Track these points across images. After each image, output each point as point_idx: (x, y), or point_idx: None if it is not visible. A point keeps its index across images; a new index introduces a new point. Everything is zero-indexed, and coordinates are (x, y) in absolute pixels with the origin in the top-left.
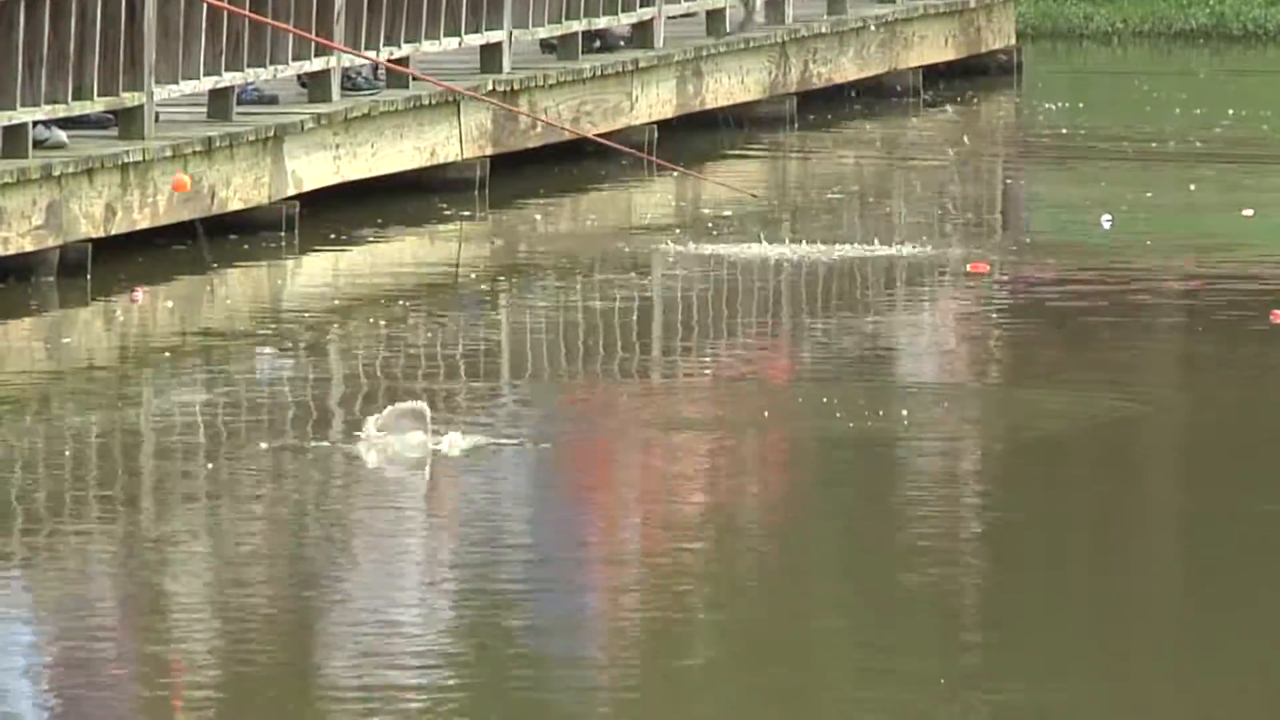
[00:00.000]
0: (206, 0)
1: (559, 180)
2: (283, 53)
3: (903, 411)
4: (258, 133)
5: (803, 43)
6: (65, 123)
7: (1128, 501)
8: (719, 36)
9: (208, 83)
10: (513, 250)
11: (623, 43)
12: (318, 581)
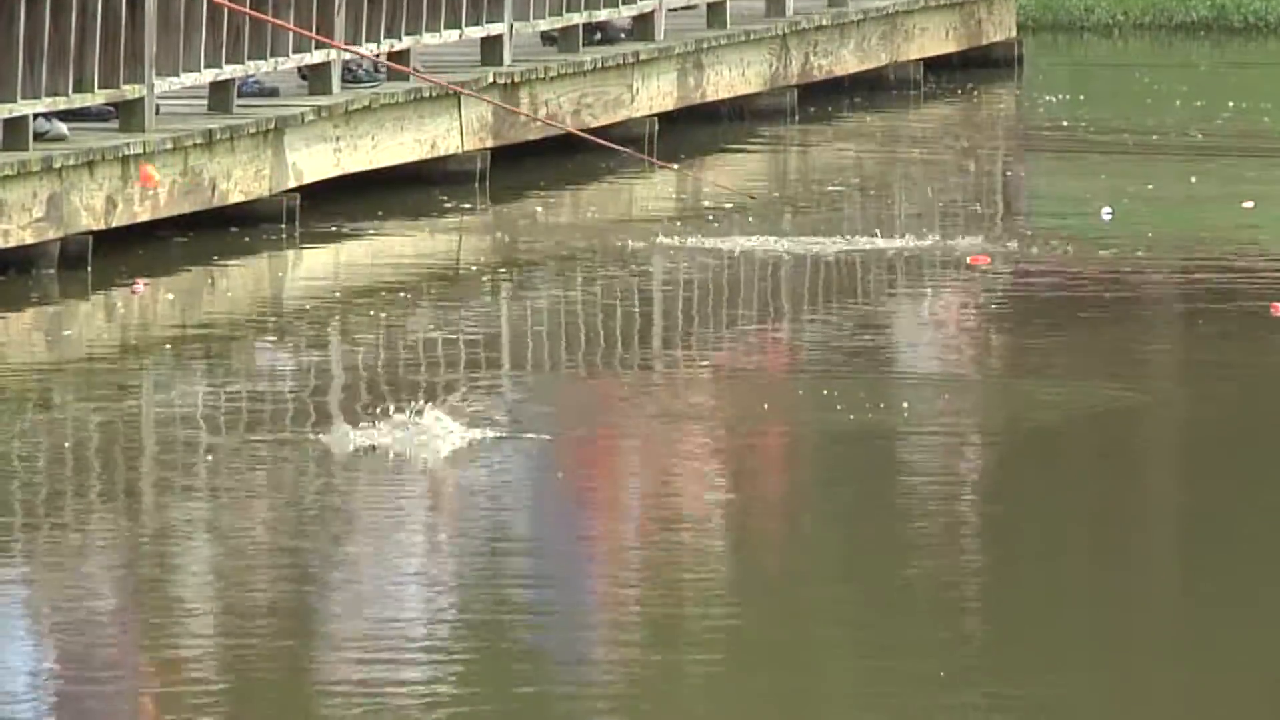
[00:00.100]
0: None
1: (559, 172)
2: (283, 45)
3: (903, 404)
4: (258, 125)
5: (803, 35)
6: (66, 115)
7: (1127, 494)
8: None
9: (208, 75)
10: (513, 242)
11: (623, 35)
12: (315, 575)
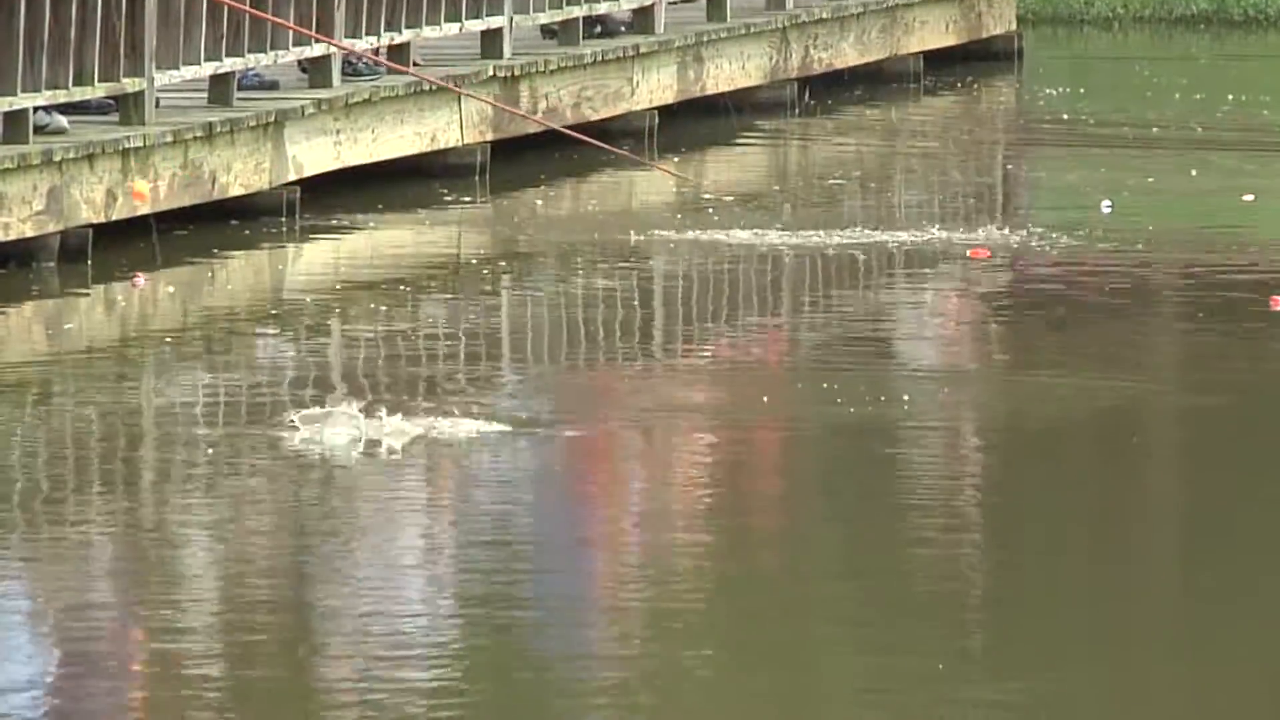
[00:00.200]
0: None
1: (560, 165)
2: (283, 38)
3: (904, 396)
4: (258, 118)
5: (803, 28)
6: (66, 108)
7: (1127, 488)
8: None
9: (208, 68)
10: (513, 236)
11: (624, 28)
12: (311, 569)
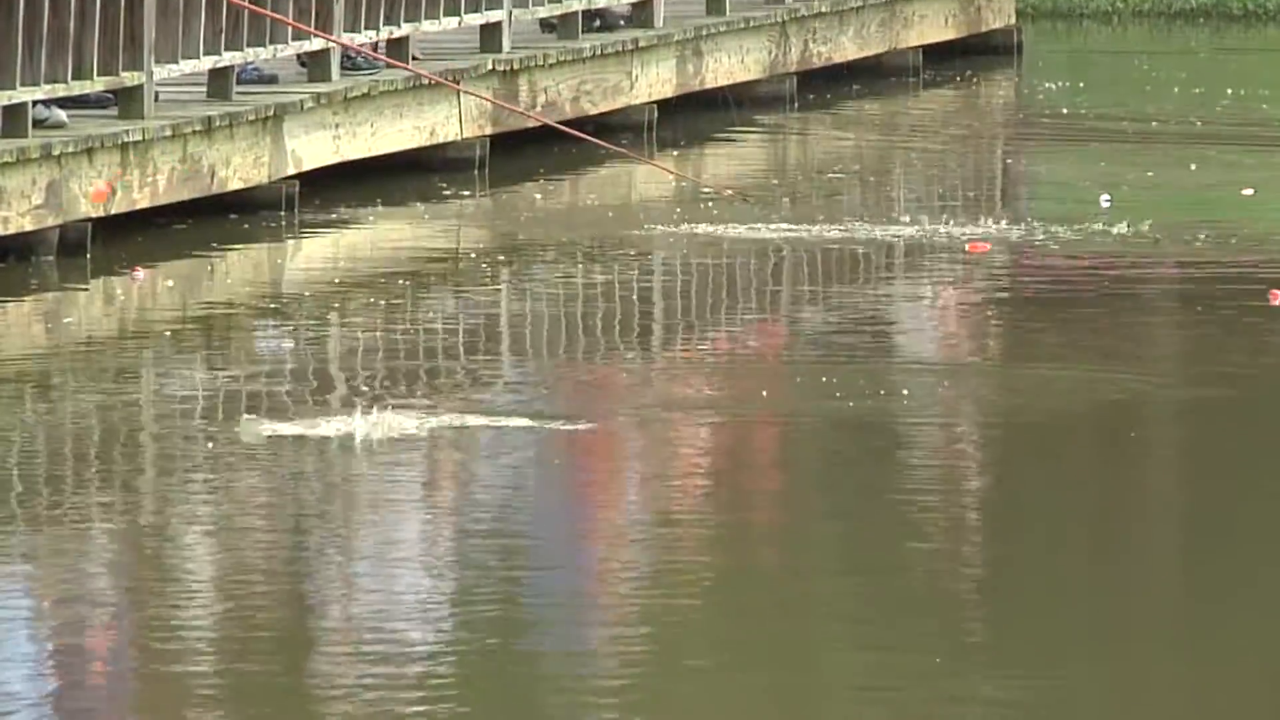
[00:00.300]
0: None
1: (559, 160)
2: (282, 32)
3: (903, 391)
4: (257, 112)
5: (803, 22)
6: (65, 102)
7: (1127, 482)
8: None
9: (207, 62)
10: (513, 230)
11: (623, 22)
12: (307, 566)
